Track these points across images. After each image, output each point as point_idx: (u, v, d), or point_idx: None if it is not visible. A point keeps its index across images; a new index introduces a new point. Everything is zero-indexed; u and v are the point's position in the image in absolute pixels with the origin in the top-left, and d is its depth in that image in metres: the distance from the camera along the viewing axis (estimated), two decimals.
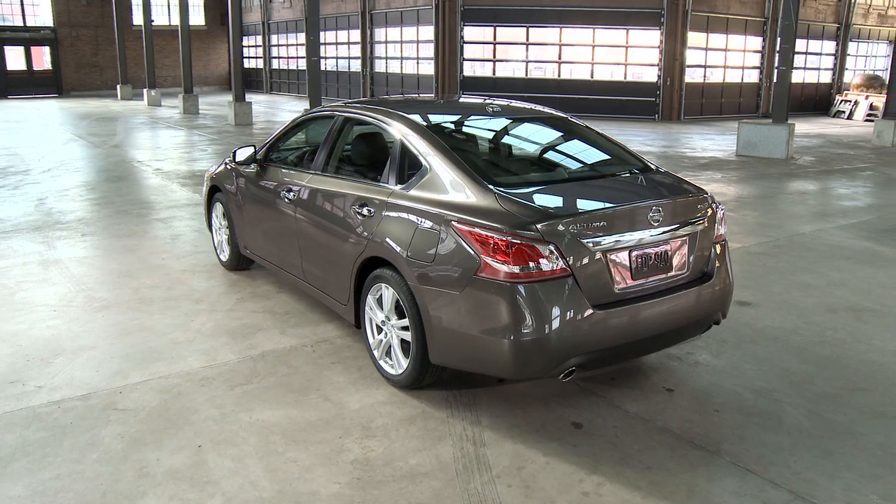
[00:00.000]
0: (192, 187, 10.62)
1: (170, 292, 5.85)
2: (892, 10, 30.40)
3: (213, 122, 21.15)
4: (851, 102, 25.35)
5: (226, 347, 4.77)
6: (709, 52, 24.81)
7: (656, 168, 4.40)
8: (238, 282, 6.12)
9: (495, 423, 3.84)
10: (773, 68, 26.06)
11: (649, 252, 3.76)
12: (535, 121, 4.82)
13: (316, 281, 4.88)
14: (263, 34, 37.76)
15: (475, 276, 3.51)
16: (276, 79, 37.74)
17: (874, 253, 7.40)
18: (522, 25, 24.69)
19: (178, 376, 4.35)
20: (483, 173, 3.89)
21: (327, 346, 4.79)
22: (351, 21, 30.50)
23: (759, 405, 4.08)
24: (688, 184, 4.24)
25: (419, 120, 4.37)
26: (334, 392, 4.16)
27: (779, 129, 14.53)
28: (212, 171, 6.56)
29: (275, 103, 30.07)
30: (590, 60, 24.38)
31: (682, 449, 3.63)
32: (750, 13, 25.50)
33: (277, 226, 5.27)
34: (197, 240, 7.52)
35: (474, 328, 3.58)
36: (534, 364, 3.52)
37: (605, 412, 3.98)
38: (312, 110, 5.38)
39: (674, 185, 4.17)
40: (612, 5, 23.21)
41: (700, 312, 4.00)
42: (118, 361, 4.54)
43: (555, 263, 3.45)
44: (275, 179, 5.34)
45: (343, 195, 4.49)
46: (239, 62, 20.21)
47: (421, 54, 27.19)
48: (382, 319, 4.18)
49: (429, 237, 3.75)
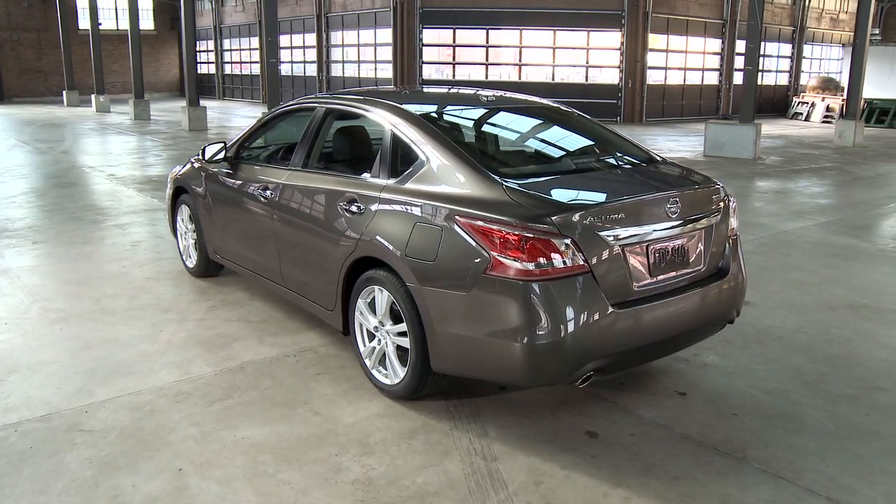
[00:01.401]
0: (150, 192, 10.12)
1: (133, 301, 5.43)
2: (844, 14, 31.07)
3: (166, 128, 20.48)
4: (808, 104, 25.76)
5: (200, 359, 4.38)
6: (669, 54, 24.96)
7: (662, 159, 4.16)
8: (207, 289, 5.72)
9: (503, 435, 3.54)
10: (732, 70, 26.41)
11: (667, 246, 3.51)
12: (531, 110, 4.55)
13: (297, 286, 4.52)
14: (215, 39, 36.97)
15: (484, 275, 3.21)
16: (228, 84, 36.97)
17: (859, 249, 7.31)
18: (482, 27, 24.52)
19: (149, 392, 3.95)
20: (486, 164, 3.60)
21: (311, 356, 4.43)
22: (306, 24, 30.00)
23: (777, 407, 3.86)
24: (698, 174, 4.01)
25: (412, 109, 4.06)
26: (324, 405, 3.81)
27: (746, 129, 14.55)
28: (176, 171, 6.15)
29: (228, 109, 29.39)
30: (550, 63, 24.32)
31: (707, 456, 3.38)
32: (709, 15, 25.75)
33: (252, 228, 4.90)
34: (159, 246, 7.08)
35: (483, 331, 3.27)
36: (550, 369, 3.23)
37: (619, 419, 3.71)
38: (289, 102, 5.02)
39: (685, 176, 3.93)
40: (573, 7, 23.17)
41: (717, 310, 3.76)
42: (81, 377, 4.12)
43: (572, 259, 3.17)
44: (248, 178, 4.97)
45: (328, 192, 4.15)
46: (193, 66, 19.63)
47: (379, 57, 26.84)
48: (375, 325, 3.85)
49: (429, 234, 3.44)
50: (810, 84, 27.06)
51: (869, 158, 15.37)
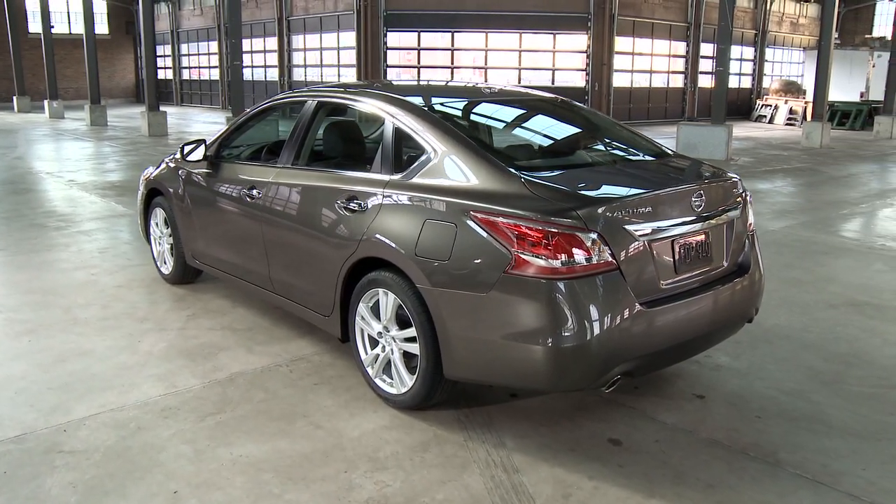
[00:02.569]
0: (113, 198, 9.70)
1: (106, 311, 5.09)
2: (803, 18, 31.62)
3: (124, 134, 19.88)
4: (772, 107, 26.11)
5: (185, 371, 4.08)
6: (635, 57, 25.09)
7: (673, 152, 3.99)
8: (185, 296, 5.40)
9: (522, 445, 3.31)
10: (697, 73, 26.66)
11: (692, 241, 3.33)
12: (536, 103, 4.34)
13: (288, 291, 4.24)
14: (172, 43, 36.21)
15: (505, 274, 2.98)
16: (186, 90, 36.23)
17: (847, 248, 7.26)
18: (447, 30, 24.35)
19: (133, 408, 3.64)
20: (500, 156, 3.37)
21: (305, 365, 4.16)
22: (267, 28, 29.50)
23: (800, 408, 3.71)
24: (714, 167, 3.84)
25: (415, 101, 3.82)
26: (325, 418, 3.54)
27: (718, 130, 14.58)
28: (149, 172, 5.82)
29: (187, 115, 28.71)
30: (516, 66, 24.25)
31: (738, 461, 3.20)
32: (674, 18, 25.96)
33: (237, 231, 4.61)
34: (129, 252, 6.72)
35: (503, 334, 3.05)
36: (577, 373, 3.02)
37: (640, 425, 3.51)
38: (275, 97, 4.74)
39: (702, 169, 3.76)
40: (539, 9, 23.15)
41: (740, 309, 3.60)
42: (56, 393, 3.80)
43: (599, 255, 2.96)
44: (232, 178, 4.68)
45: (323, 190, 3.89)
46: (152, 70, 19.10)
47: (342, 61, 26.48)
48: (379, 331, 3.60)
49: (442, 231, 3.20)
50: (773, 87, 27.45)
51: (838, 159, 15.54)
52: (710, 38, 27.21)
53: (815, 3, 31.75)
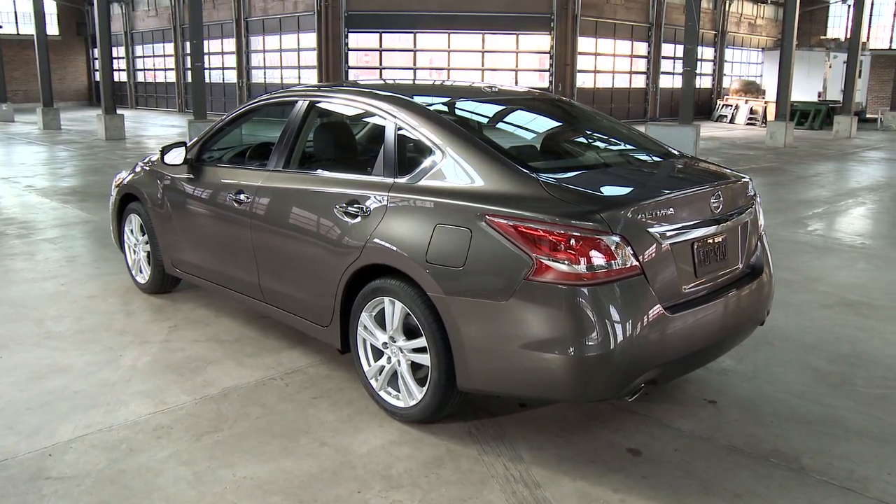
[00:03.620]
0: (76, 204, 9.33)
1: (82, 323, 4.82)
2: (760, 19, 32.16)
3: (80, 138, 19.28)
4: (732, 107, 26.46)
5: (174, 387, 3.86)
6: (598, 58, 25.21)
7: (679, 153, 3.90)
8: (164, 306, 5.16)
9: (540, 458, 3.18)
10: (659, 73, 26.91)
11: (710, 244, 3.24)
12: (537, 102, 4.22)
13: (281, 301, 4.05)
14: (126, 45, 35.36)
15: (527, 280, 2.85)
16: (141, 93, 35.42)
17: (828, 247, 7.30)
18: (409, 31, 24.19)
19: (122, 427, 3.42)
20: (512, 157, 3.24)
21: (301, 378, 3.97)
22: (225, 29, 28.96)
23: (813, 412, 3.65)
24: (724, 168, 3.76)
25: (418, 101, 3.66)
26: (329, 434, 3.37)
27: (686, 129, 14.68)
28: (121, 177, 5.56)
29: (143, 118, 28.04)
30: (479, 67, 24.19)
31: (763, 469, 3.11)
32: (635, 19, 26.16)
33: (223, 237, 4.39)
34: (99, 261, 6.43)
35: (523, 344, 2.91)
36: (602, 383, 2.90)
37: (657, 433, 3.41)
38: (261, 97, 4.53)
39: (714, 170, 3.68)
40: (501, 10, 23.11)
41: (754, 311, 3.52)
42: (37, 414, 3.55)
43: (624, 260, 2.85)
44: (216, 182, 4.46)
45: (319, 194, 3.71)
46: (108, 72, 18.57)
47: (303, 63, 26.12)
48: (385, 341, 3.43)
49: (455, 237, 3.05)
50: (733, 87, 27.84)
51: (803, 158, 15.76)
52: (671, 39, 27.56)
53: (772, 5, 32.35)
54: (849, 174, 13.53)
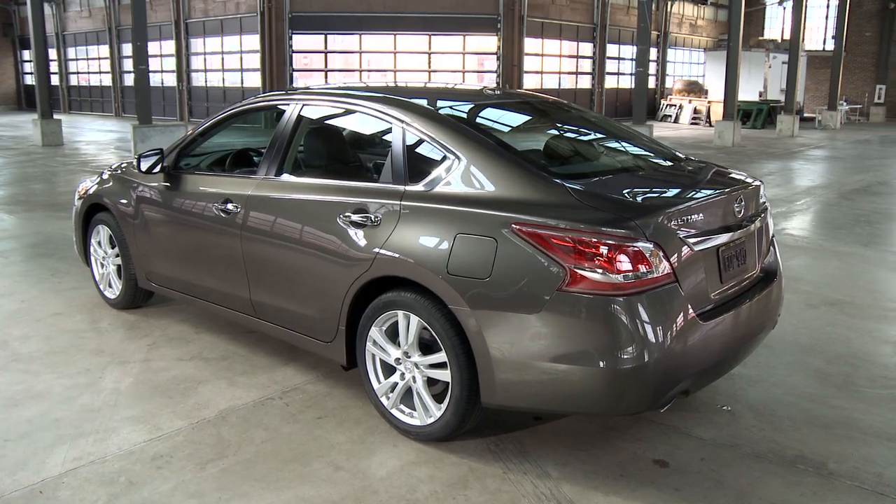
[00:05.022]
0: (22, 214, 8.85)
1: (51, 343, 4.52)
2: (701, 20, 32.85)
3: (13, 144, 18.41)
4: (676, 107, 26.92)
5: (166, 410, 3.62)
6: (545, 58, 25.33)
7: (686, 157, 3.84)
8: (138, 323, 4.87)
9: (567, 473, 3.06)
10: (604, 74, 27.20)
11: (733, 248, 3.18)
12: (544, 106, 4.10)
13: (276, 316, 3.84)
14: (58, 47, 34.01)
15: (560, 291, 2.73)
16: (75, 97, 34.12)
17: (799, 246, 7.40)
18: (354, 33, 23.88)
19: (117, 458, 3.17)
20: (533, 162, 3.12)
21: (301, 397, 3.77)
22: (163, 31, 28.10)
23: (827, 415, 3.63)
24: (736, 172, 3.72)
25: (426, 105, 3.51)
26: (343, 457, 3.19)
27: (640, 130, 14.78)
28: (86, 186, 5.25)
29: (77, 123, 26.93)
30: (426, 68, 24.06)
31: (792, 476, 3.07)
32: (580, 19, 26.38)
33: (207, 249, 4.16)
34: (58, 274, 6.06)
35: (555, 357, 2.80)
36: (638, 395, 2.80)
37: (679, 443, 3.33)
38: (247, 101, 4.30)
39: (729, 174, 3.63)
40: (448, 11, 23.02)
41: (770, 315, 3.49)
42: (18, 446, 3.27)
43: (659, 268, 2.75)
44: (199, 191, 4.22)
45: (321, 203, 3.52)
46: (44, 75, 17.82)
47: (246, 65, 25.52)
48: (398, 357, 3.27)
49: (478, 246, 2.91)
50: (676, 87, 28.34)
51: (753, 157, 16.08)
52: (616, 40, 27.92)
53: (712, 6, 33.08)
54: (801, 173, 13.84)
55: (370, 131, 3.75)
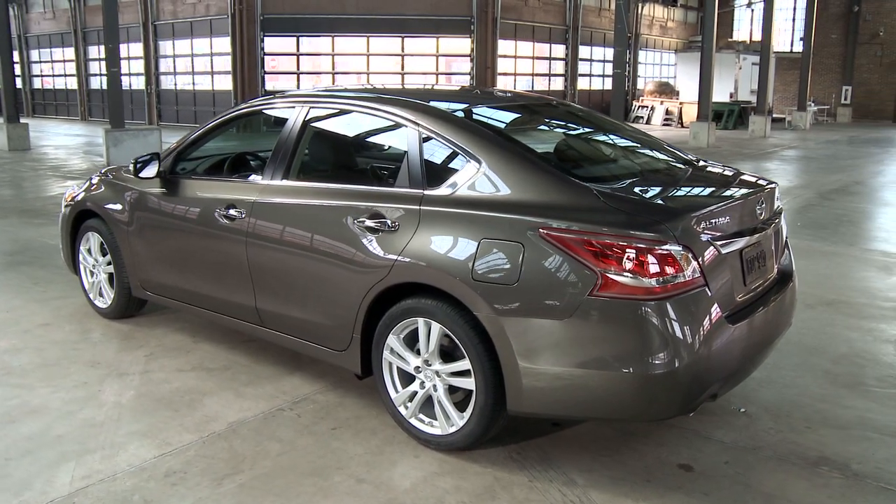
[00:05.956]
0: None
1: (43, 355, 4.36)
2: (671, 22, 33.16)
3: None
4: (648, 108, 27.11)
5: (173, 423, 3.51)
6: (518, 60, 25.37)
7: (697, 159, 3.82)
8: (132, 333, 4.73)
9: (593, 480, 3.02)
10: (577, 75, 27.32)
11: (754, 251, 3.16)
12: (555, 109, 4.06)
13: (284, 324, 3.74)
14: (21, 50, 33.26)
15: (591, 296, 2.68)
16: (39, 100, 33.43)
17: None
18: (327, 35, 23.70)
19: (128, 475, 3.06)
20: (557, 165, 3.07)
21: (312, 407, 3.68)
22: (130, 33, 27.58)
23: (841, 415, 3.64)
24: (748, 173, 3.72)
25: (440, 107, 3.44)
26: (363, 469, 3.11)
27: None
28: (73, 192, 5.09)
29: (43, 127, 26.29)
30: (400, 71, 23.96)
31: (817, 478, 3.06)
32: (553, 21, 26.47)
33: (209, 256, 4.05)
34: (41, 283, 5.88)
35: (585, 362, 2.75)
36: (670, 399, 2.77)
37: (701, 446, 3.31)
38: (248, 104, 4.19)
39: (746, 176, 3.62)
40: (421, 13, 22.95)
41: (788, 316, 3.50)
42: (21, 465, 3.14)
43: (691, 271, 2.72)
44: (199, 196, 4.11)
45: (333, 208, 3.43)
46: (10, 77, 17.36)
47: (216, 68, 25.20)
48: (417, 365, 3.20)
49: (504, 251, 2.85)
50: (647, 88, 28.57)
51: (729, 158, 16.21)
52: (588, 41, 28.08)
53: (681, 8, 33.42)
54: (779, 173, 13.96)
55: (382, 134, 3.67)
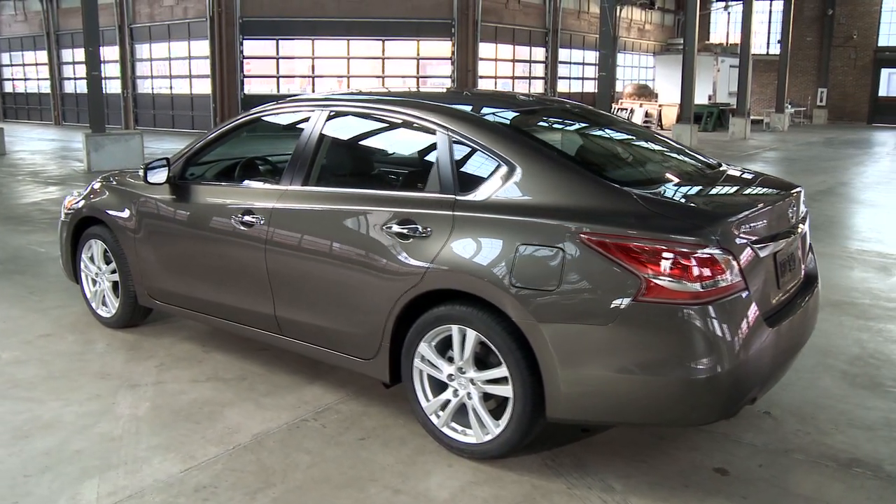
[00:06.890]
0: None
1: (50, 367, 4.25)
2: (649, 25, 33.37)
3: None
4: (627, 111, 27.22)
5: (195, 436, 3.42)
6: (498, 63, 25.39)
7: (718, 162, 3.81)
8: (139, 342, 4.63)
9: (631, 486, 3.00)
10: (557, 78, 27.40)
11: (787, 253, 3.16)
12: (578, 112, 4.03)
13: (305, 333, 3.67)
14: None
15: (635, 301, 2.66)
16: (10, 104, 32.81)
17: None
18: (307, 38, 23.54)
19: (156, 490, 2.98)
20: (594, 170, 3.04)
21: (336, 417, 3.61)
22: (106, 36, 27.06)
23: (865, 416, 3.65)
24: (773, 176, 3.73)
25: (470, 111, 3.41)
26: (398, 480, 3.05)
27: None
28: (73, 199, 4.98)
29: (15, 132, 25.74)
30: (380, 74, 23.87)
31: (853, 480, 3.07)
32: (533, 24, 26.51)
33: (224, 264, 3.97)
34: (37, 292, 5.74)
35: (627, 368, 2.73)
36: (712, 404, 2.76)
37: (733, 450, 3.30)
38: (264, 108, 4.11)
39: (774, 179, 3.63)
40: (402, 16, 22.87)
41: (815, 318, 3.50)
42: (42, 482, 3.04)
43: (732, 274, 2.71)
44: (212, 202, 4.03)
45: (360, 213, 3.37)
46: None
47: (194, 72, 24.92)
48: (451, 373, 3.15)
49: (543, 257, 2.82)
50: (626, 91, 28.73)
51: None
52: (567, 44, 28.18)
53: (659, 11, 33.67)
54: None
55: (408, 139, 3.62)
